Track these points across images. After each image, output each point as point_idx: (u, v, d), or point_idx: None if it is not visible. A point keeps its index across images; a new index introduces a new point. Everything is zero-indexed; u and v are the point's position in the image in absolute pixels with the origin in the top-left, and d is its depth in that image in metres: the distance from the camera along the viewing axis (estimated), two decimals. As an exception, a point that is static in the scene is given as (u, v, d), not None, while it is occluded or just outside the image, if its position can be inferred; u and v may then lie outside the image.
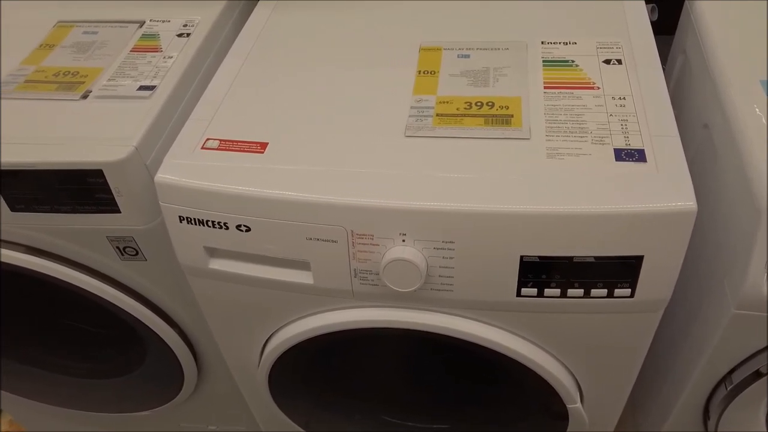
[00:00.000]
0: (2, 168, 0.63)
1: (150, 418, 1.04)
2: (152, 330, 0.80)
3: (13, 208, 0.67)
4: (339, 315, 0.66)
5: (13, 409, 1.14)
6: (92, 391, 1.00)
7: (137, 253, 0.71)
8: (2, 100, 0.70)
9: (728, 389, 0.68)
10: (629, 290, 0.58)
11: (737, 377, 0.66)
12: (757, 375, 0.65)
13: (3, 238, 0.71)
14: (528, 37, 0.72)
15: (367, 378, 0.83)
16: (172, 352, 0.84)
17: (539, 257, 0.56)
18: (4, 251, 0.71)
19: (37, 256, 0.72)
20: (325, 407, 0.86)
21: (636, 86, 0.64)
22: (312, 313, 0.68)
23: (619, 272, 0.57)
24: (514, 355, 0.65)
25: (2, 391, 1.03)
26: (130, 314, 0.78)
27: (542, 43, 0.71)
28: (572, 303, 0.60)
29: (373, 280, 0.61)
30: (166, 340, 0.82)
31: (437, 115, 0.64)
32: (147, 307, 0.78)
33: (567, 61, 0.68)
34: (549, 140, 0.60)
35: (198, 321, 0.81)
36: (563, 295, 0.59)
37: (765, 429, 0.74)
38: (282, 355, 0.72)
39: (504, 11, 0.78)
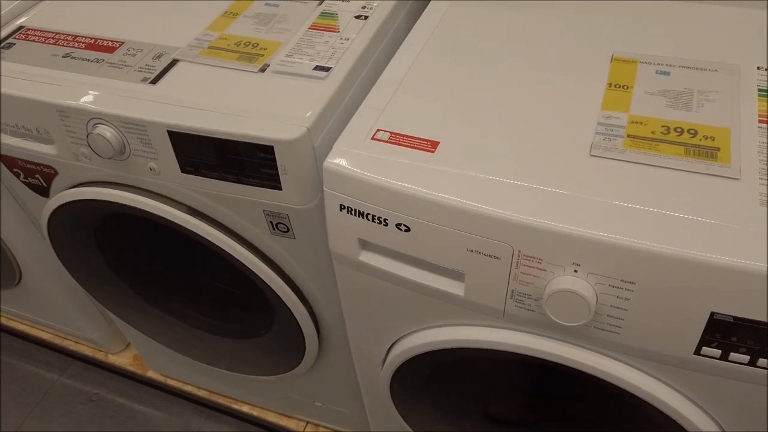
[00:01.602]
0: (179, 131, 0.65)
1: (263, 382, 1.07)
2: (284, 302, 0.81)
3: (183, 170, 0.70)
4: (482, 332, 0.62)
5: (142, 347, 1.23)
6: (217, 347, 1.04)
7: (288, 230, 0.71)
8: (188, 64, 0.72)
9: None
10: (836, 373, 0.50)
11: None
12: None
13: (169, 195, 0.74)
14: (742, 59, 0.64)
15: (491, 397, 0.80)
16: (299, 327, 0.85)
17: (734, 318, 0.49)
18: (167, 208, 0.75)
19: (195, 216, 0.74)
20: (439, 415, 0.84)
21: None
22: (452, 324, 0.65)
23: (829, 351, 0.49)
24: (674, 415, 0.59)
25: (134, 329, 1.11)
26: (267, 284, 0.79)
27: (758, 68, 0.62)
28: (759, 374, 0.52)
29: (531, 306, 0.57)
30: (295, 315, 0.83)
31: (629, 136, 0.58)
32: (284, 281, 0.79)
33: (791, 94, 0.59)
34: (763, 184, 0.52)
35: (330, 304, 0.81)
36: (752, 363, 0.51)
37: None
38: (410, 359, 0.70)
39: (715, 26, 0.69)
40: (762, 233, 0.48)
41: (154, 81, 0.71)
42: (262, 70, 0.70)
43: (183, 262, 0.96)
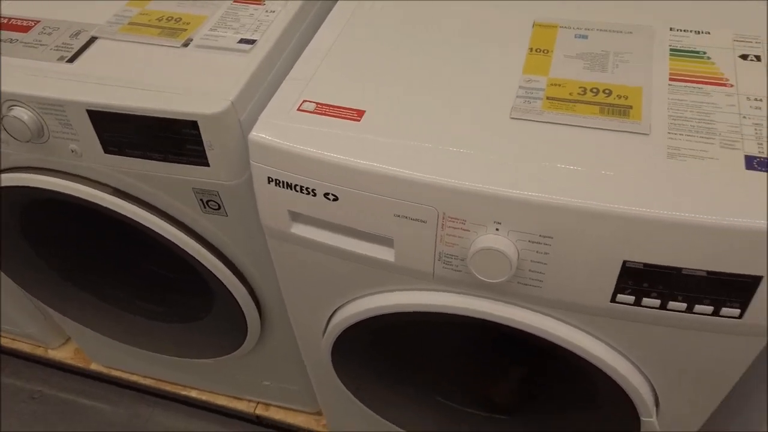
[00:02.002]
0: (100, 109, 0.64)
1: (209, 365, 1.06)
2: (222, 283, 0.81)
3: (106, 150, 0.68)
4: (415, 296, 0.64)
5: (82, 340, 1.20)
6: (158, 333, 1.03)
7: (219, 208, 0.71)
8: (107, 41, 0.70)
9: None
10: (738, 311, 0.53)
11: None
12: None
13: (93, 178, 0.72)
14: (655, 21, 0.66)
15: (430, 359, 0.82)
16: (239, 306, 0.85)
17: (644, 264, 0.52)
18: (92, 191, 0.73)
19: (122, 198, 0.73)
20: (382, 380, 0.85)
21: (774, 88, 0.58)
22: (387, 290, 0.66)
23: (730, 291, 0.52)
24: (593, 360, 0.62)
25: (73, 322, 1.08)
26: (204, 265, 0.78)
27: (671, 29, 0.65)
28: (670, 316, 0.55)
29: (457, 266, 0.58)
30: (234, 294, 0.83)
31: (547, 98, 0.60)
32: (220, 260, 0.78)
33: (698, 52, 0.62)
34: (671, 138, 0.55)
35: (268, 280, 0.81)
36: (663, 307, 0.55)
37: None
38: (349, 327, 0.71)
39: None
40: (668, 184, 0.51)
41: (72, 59, 0.68)
42: (185, 45, 0.68)
43: (116, 248, 0.94)
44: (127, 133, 0.65)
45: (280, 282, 0.74)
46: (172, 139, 0.64)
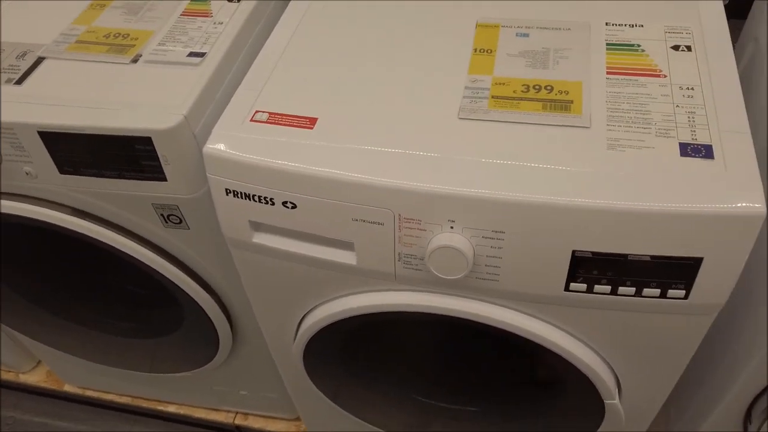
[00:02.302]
0: (52, 130, 0.63)
1: (184, 379, 1.06)
2: (190, 296, 0.81)
3: (61, 170, 0.68)
4: (380, 297, 0.65)
5: (53, 362, 1.18)
6: (130, 350, 1.02)
7: (181, 222, 0.71)
8: (55, 61, 0.69)
9: (776, 397, 0.66)
10: (684, 292, 0.56)
11: (787, 385, 0.64)
12: (809, 384, 0.63)
13: (51, 199, 0.72)
14: (592, 17, 0.69)
15: (401, 358, 0.83)
16: (209, 318, 0.85)
17: (592, 253, 0.54)
18: (51, 212, 0.72)
19: (82, 218, 0.73)
20: (356, 383, 0.87)
21: (706, 76, 0.61)
22: (353, 293, 0.67)
23: (675, 273, 0.55)
24: (554, 348, 0.64)
25: (43, 345, 1.07)
26: (170, 280, 0.79)
27: (606, 24, 0.68)
28: (622, 301, 0.58)
29: (417, 265, 0.60)
30: (203, 307, 0.83)
31: (493, 97, 0.61)
32: (186, 274, 0.79)
33: (632, 45, 0.65)
34: (610, 130, 0.57)
35: (236, 291, 0.81)
36: (614, 292, 0.57)
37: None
38: (318, 331, 0.72)
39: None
40: (609, 174, 0.53)
41: (20, 81, 0.68)
42: (134, 60, 0.68)
43: (82, 267, 0.93)
44: (81, 152, 0.65)
45: (246, 291, 0.75)
46: (127, 156, 0.64)
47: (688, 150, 0.55)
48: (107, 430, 1.25)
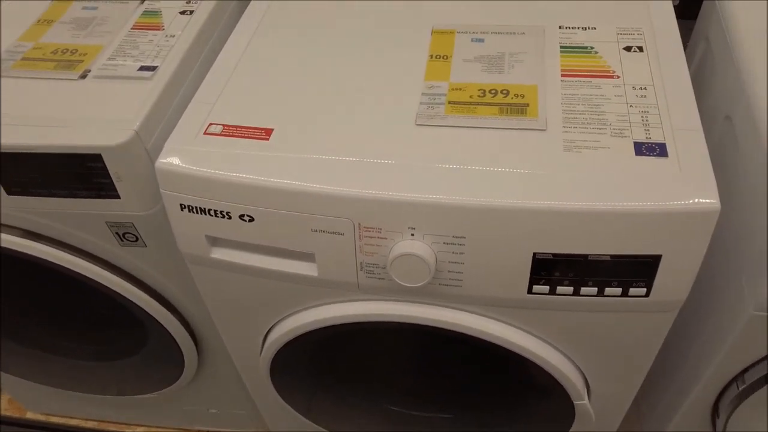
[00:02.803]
0: (-2, 150, 0.61)
1: (151, 400, 1.03)
2: (152, 315, 0.79)
3: (9, 191, 0.65)
4: (344, 308, 0.64)
5: (13, 389, 1.14)
6: (94, 374, 0.99)
7: (137, 240, 0.69)
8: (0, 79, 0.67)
9: (740, 389, 0.66)
10: (645, 290, 0.56)
11: (750, 377, 0.65)
12: (771, 376, 0.64)
13: (0, 221, 0.69)
14: (546, 21, 0.69)
15: (370, 368, 0.82)
16: (173, 337, 0.83)
17: (553, 254, 0.54)
18: (2, 235, 0.70)
19: (34, 240, 0.70)
20: (327, 396, 0.85)
21: (658, 75, 0.61)
22: (316, 305, 0.66)
23: (635, 272, 0.55)
24: (521, 351, 0.64)
25: (3, 373, 1.03)
26: (129, 299, 0.76)
27: (560, 27, 0.68)
28: (585, 301, 0.58)
29: (379, 274, 0.59)
30: (166, 326, 0.81)
31: (449, 102, 0.61)
32: (147, 293, 0.77)
33: (586, 48, 0.65)
34: (566, 132, 0.57)
35: (199, 308, 0.80)
36: (576, 293, 0.57)
37: (775, 428, 0.72)
38: (284, 345, 0.71)
39: (520, -7, 0.74)
40: (566, 176, 0.54)
41: (-37, 100, 0.65)
42: (83, 76, 0.67)
43: (39, 291, 0.90)
44: (29, 172, 0.63)
45: (209, 308, 0.73)
46: (78, 174, 0.62)
47: (642, 149, 0.55)
48: (74, 457, 1.21)
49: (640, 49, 0.65)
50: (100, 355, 0.97)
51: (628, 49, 0.65)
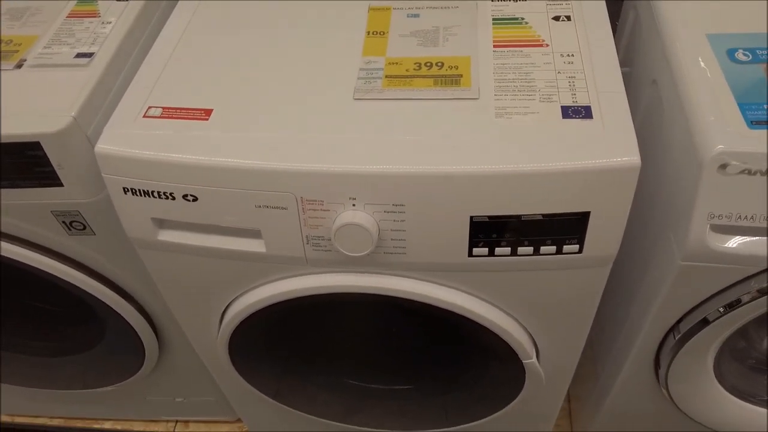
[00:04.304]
0: (-66, 143, 0.61)
1: (116, 393, 1.03)
2: (108, 305, 0.79)
3: (-51, 185, 0.65)
4: (294, 282, 0.66)
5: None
6: (55, 369, 0.99)
7: (85, 228, 0.69)
8: (-70, 72, 0.66)
9: (677, 338, 0.70)
10: (577, 246, 0.59)
11: (685, 326, 0.69)
12: (704, 323, 0.67)
13: (-58, 216, 0.69)
14: (478, -6, 0.71)
15: (327, 343, 0.84)
16: (131, 326, 0.83)
17: (488, 217, 0.57)
18: (-54, 230, 0.69)
19: (-20, 234, 0.70)
20: (288, 376, 0.87)
21: (584, 43, 0.64)
22: (267, 281, 0.67)
23: (566, 229, 0.58)
24: (468, 314, 0.66)
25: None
26: (84, 290, 0.76)
27: (492, 0, 0.70)
28: (523, 261, 0.60)
29: (325, 246, 0.61)
30: (123, 315, 0.81)
31: (386, 76, 0.63)
32: (101, 282, 0.77)
33: (517, 19, 0.68)
34: (498, 99, 0.59)
35: (155, 294, 0.80)
36: (514, 253, 0.60)
37: (713, 376, 0.76)
38: (240, 324, 0.72)
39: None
40: (497, 141, 0.56)
41: None
42: (19, 66, 0.66)
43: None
44: (-32, 164, 0.62)
45: (161, 291, 0.73)
46: (18, 163, 0.61)
47: (569, 112, 0.58)
48: (42, 457, 1.21)
49: (568, 18, 0.67)
50: (60, 351, 0.96)
51: (557, 18, 0.67)
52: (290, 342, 0.82)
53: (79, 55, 0.66)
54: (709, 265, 0.60)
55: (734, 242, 0.58)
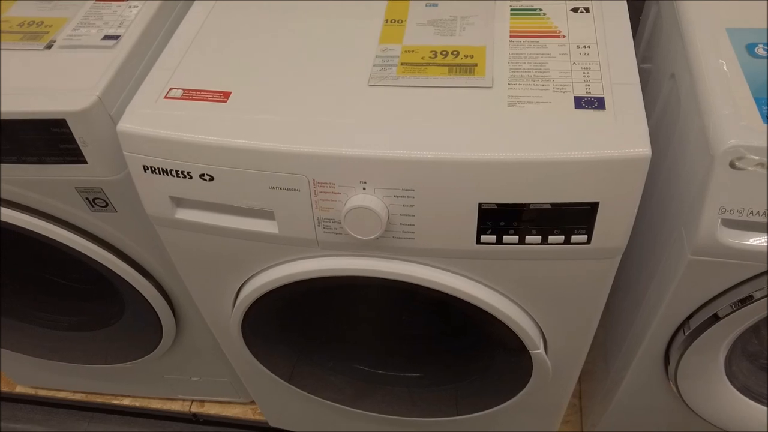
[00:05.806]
0: (-33, 118, 0.63)
1: (133, 370, 1.06)
2: (128, 282, 0.82)
3: (-20, 160, 0.67)
4: (304, 264, 0.67)
5: (2, 363, 1.17)
6: (75, 344, 1.02)
7: (107, 205, 0.71)
8: (-35, 51, 0.69)
9: (686, 334, 0.70)
10: (586, 237, 0.59)
11: (695, 322, 0.68)
12: (715, 318, 0.67)
13: (-27, 189, 0.72)
14: (497, -15, 0.71)
15: (337, 327, 0.85)
16: (149, 303, 0.86)
17: (497, 204, 0.57)
18: (-23, 203, 0.72)
19: (7, 207, 0.72)
20: (299, 357, 0.88)
21: (601, 35, 0.64)
22: (279, 263, 0.69)
23: (575, 219, 0.58)
24: (475, 301, 0.67)
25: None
26: (105, 266, 0.79)
27: (511, -9, 0.71)
28: (530, 250, 0.61)
29: (336, 229, 0.62)
30: (141, 292, 0.84)
31: (402, 64, 0.64)
32: (121, 259, 0.79)
33: (534, 10, 0.68)
34: (511, 89, 0.60)
35: (173, 272, 0.82)
36: (522, 242, 0.60)
37: (724, 374, 0.76)
38: (252, 304, 0.74)
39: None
40: (508, 129, 0.56)
41: (-68, 72, 0.67)
42: (49, 47, 0.69)
43: (14, 259, 0.92)
44: (-2, 139, 0.65)
45: (178, 269, 0.76)
46: (44, 140, 0.64)
47: (582, 102, 0.58)
48: (63, 427, 1.25)
49: (587, 10, 0.67)
50: (83, 326, 1.00)
51: (575, 10, 0.67)
52: (302, 325, 0.84)
53: (106, 38, 0.68)
54: (720, 260, 0.60)
55: (746, 238, 0.58)
